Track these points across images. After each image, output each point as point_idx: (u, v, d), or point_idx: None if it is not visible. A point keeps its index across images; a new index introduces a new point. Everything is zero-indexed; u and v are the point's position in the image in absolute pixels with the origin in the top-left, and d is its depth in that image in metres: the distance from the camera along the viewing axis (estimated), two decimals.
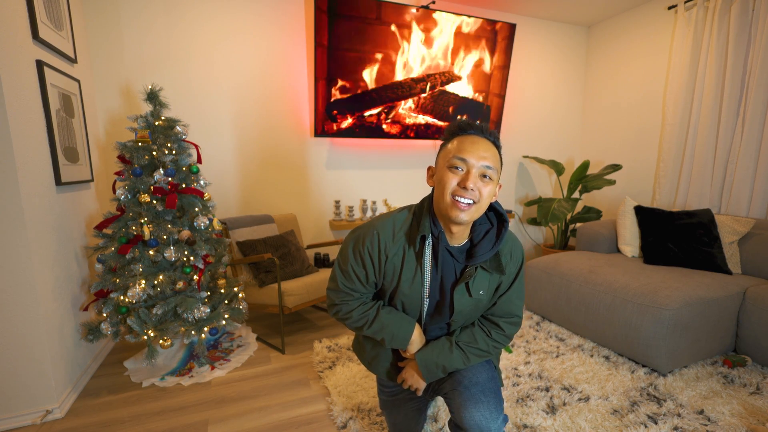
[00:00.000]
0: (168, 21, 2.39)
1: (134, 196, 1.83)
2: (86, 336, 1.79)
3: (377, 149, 3.04)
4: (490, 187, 0.91)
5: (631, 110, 3.27)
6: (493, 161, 0.90)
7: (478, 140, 0.91)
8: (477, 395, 0.96)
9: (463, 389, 0.99)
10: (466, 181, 0.88)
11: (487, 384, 1.00)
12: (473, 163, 0.88)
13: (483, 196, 0.90)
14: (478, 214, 0.92)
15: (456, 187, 0.89)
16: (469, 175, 0.88)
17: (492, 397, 0.97)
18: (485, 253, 0.97)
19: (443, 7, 2.97)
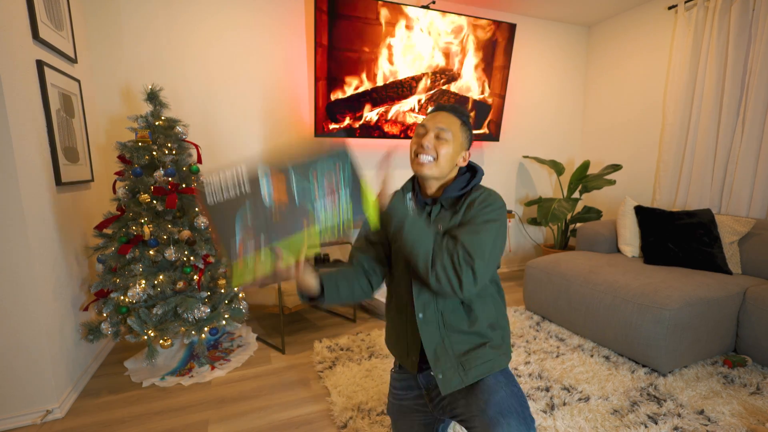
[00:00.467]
0: (168, 21, 2.39)
1: (134, 196, 1.83)
2: (86, 336, 1.79)
3: (377, 149, 3.04)
4: (446, 147, 1.04)
5: (631, 110, 3.27)
6: (451, 126, 1.05)
7: (439, 113, 1.09)
8: (496, 418, 0.89)
9: (480, 414, 0.92)
10: (422, 139, 1.04)
11: (505, 402, 0.92)
12: (430, 126, 1.06)
13: (440, 155, 1.04)
14: (439, 170, 1.05)
15: (416, 147, 1.06)
16: (426, 135, 1.05)
17: (513, 417, 0.89)
18: (449, 193, 1.07)
19: (443, 7, 2.97)
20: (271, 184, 0.80)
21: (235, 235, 0.78)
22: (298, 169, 0.82)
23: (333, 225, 0.84)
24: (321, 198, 0.83)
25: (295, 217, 0.82)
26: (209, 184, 0.77)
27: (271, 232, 0.81)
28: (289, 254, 0.83)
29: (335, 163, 0.85)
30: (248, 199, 0.79)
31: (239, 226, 0.79)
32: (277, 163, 0.81)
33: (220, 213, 0.77)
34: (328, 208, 0.84)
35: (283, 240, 0.82)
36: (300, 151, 0.84)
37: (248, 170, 0.79)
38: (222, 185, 0.78)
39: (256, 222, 0.79)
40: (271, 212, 0.80)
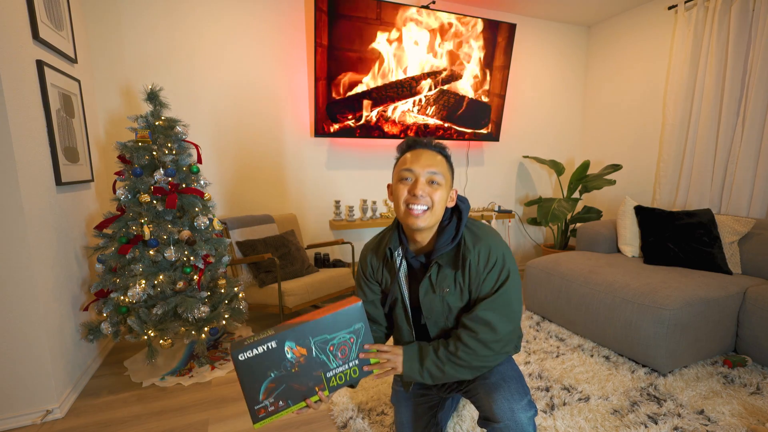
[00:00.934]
0: (168, 21, 2.39)
1: (134, 196, 1.83)
2: (86, 336, 1.79)
3: (377, 149, 3.04)
4: (440, 192, 0.98)
5: (631, 110, 3.27)
6: (439, 168, 0.98)
7: (423, 151, 1.00)
8: (497, 382, 0.97)
9: (482, 380, 1.01)
10: (415, 189, 0.96)
11: (506, 372, 1.01)
12: (419, 171, 0.97)
13: (434, 202, 0.97)
14: (434, 219, 0.99)
15: (407, 195, 0.97)
16: (417, 183, 0.96)
17: (514, 382, 0.98)
18: (443, 247, 1.01)
19: (443, 7, 2.97)
20: (294, 353, 0.93)
21: (261, 385, 0.90)
22: (317, 343, 0.94)
23: (341, 376, 0.98)
24: (334, 362, 0.96)
25: (311, 366, 0.94)
26: (242, 349, 0.88)
27: (291, 380, 0.93)
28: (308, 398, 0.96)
29: (350, 337, 0.97)
30: (273, 354, 0.90)
31: (264, 377, 0.90)
32: (300, 336, 0.92)
33: (248, 367, 0.89)
34: (339, 368, 0.97)
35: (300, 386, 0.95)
36: (323, 325, 0.94)
37: (277, 343, 0.91)
38: (253, 348, 0.89)
39: (278, 374, 0.92)
40: (292, 364, 0.92)
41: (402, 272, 1.07)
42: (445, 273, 1.02)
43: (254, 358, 0.89)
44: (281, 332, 0.90)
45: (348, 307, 0.95)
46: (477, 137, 3.20)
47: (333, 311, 0.94)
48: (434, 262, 1.02)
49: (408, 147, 1.03)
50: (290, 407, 0.94)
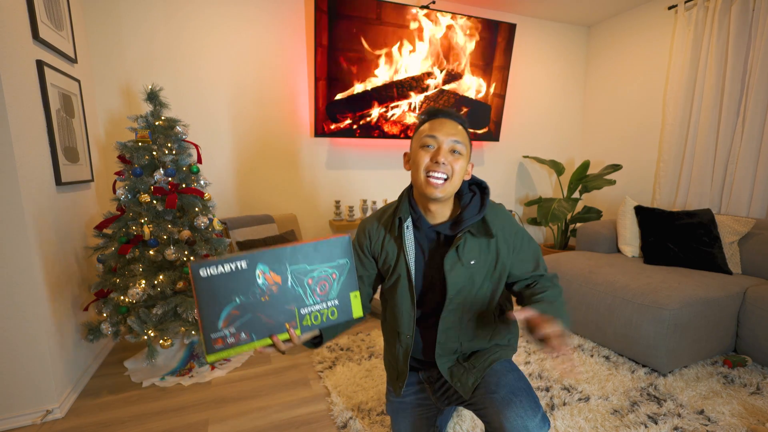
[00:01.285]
0: (168, 21, 2.39)
1: (134, 196, 1.83)
2: (86, 336, 1.79)
3: (377, 149, 3.04)
4: (461, 162, 0.96)
5: (631, 110, 3.27)
6: (462, 137, 0.97)
7: (446, 120, 0.98)
8: (507, 397, 0.91)
9: (491, 395, 0.93)
10: (438, 156, 0.93)
11: (515, 384, 0.95)
12: (442, 139, 0.95)
13: (455, 171, 0.95)
14: (452, 189, 0.97)
15: (429, 163, 0.95)
16: (440, 150, 0.94)
17: (524, 396, 0.91)
18: (471, 217, 0.99)
19: (443, 7, 2.97)
20: (266, 278, 0.81)
21: (222, 309, 0.78)
22: (295, 272, 0.83)
23: (316, 315, 0.86)
24: (311, 298, 0.85)
25: (284, 298, 0.82)
26: (206, 264, 0.76)
27: (259, 310, 0.80)
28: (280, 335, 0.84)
29: (332, 273, 0.86)
30: (242, 276, 0.78)
31: (227, 301, 0.78)
32: (276, 260, 0.81)
33: (209, 286, 0.76)
34: (315, 306, 0.86)
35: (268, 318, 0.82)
36: (303, 252, 0.83)
37: (248, 263, 0.79)
38: (219, 265, 0.77)
39: (245, 300, 0.79)
40: (261, 291, 0.80)
41: (410, 245, 1.02)
42: (472, 244, 1.00)
43: (219, 277, 0.76)
44: (254, 253, 0.78)
45: (334, 237, 0.85)
46: (477, 137, 3.20)
47: (316, 240, 0.85)
48: (465, 232, 0.98)
49: (431, 115, 1.01)
50: (253, 342, 0.80)
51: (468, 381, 0.99)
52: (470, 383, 0.99)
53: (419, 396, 1.17)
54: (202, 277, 0.76)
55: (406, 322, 1.06)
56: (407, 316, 1.06)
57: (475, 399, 0.98)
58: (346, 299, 0.89)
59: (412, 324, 1.05)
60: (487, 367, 1.00)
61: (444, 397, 1.10)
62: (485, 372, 1.00)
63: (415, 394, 1.17)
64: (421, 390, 1.16)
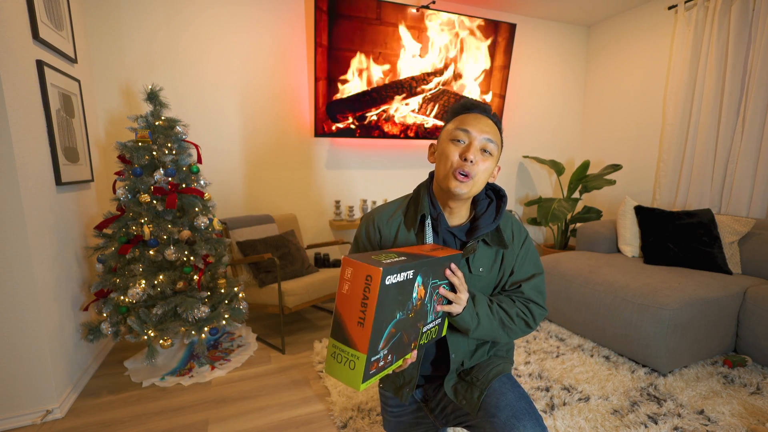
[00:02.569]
0: (168, 21, 2.39)
1: (134, 196, 1.83)
2: (86, 336, 1.79)
3: (377, 149, 3.04)
4: (489, 163, 0.91)
5: (631, 110, 3.27)
6: (495, 137, 0.91)
7: (481, 117, 0.92)
8: (510, 422, 0.85)
9: (491, 419, 0.87)
10: (467, 152, 0.88)
11: (516, 404, 0.89)
12: (475, 135, 0.89)
13: (480, 171, 0.90)
14: (476, 189, 0.92)
15: (457, 159, 0.89)
16: (471, 146, 0.89)
17: (527, 418, 0.85)
18: (487, 226, 0.95)
19: (443, 7, 2.97)
20: (418, 292, 0.72)
21: (387, 327, 0.65)
22: (432, 288, 0.76)
23: (428, 334, 0.80)
24: (431, 315, 0.78)
25: (421, 315, 0.75)
26: (392, 268, 0.63)
27: (405, 327, 0.70)
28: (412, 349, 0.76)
29: (442, 286, 0.80)
30: (407, 287, 0.67)
31: (391, 317, 0.66)
32: (427, 274, 0.73)
33: (386, 298, 0.62)
34: (430, 324, 0.80)
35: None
36: (440, 266, 0.77)
37: (413, 272, 0.68)
38: (399, 272, 0.65)
39: (402, 317, 0.67)
40: (413, 306, 0.70)
41: (428, 242, 0.97)
42: (483, 253, 0.97)
43: (395, 286, 0.62)
44: (420, 262, 0.66)
45: (454, 253, 0.78)
46: None
47: (443, 253, 0.73)
48: (479, 239, 0.94)
49: (465, 108, 0.95)
50: (393, 365, 0.69)
51: (473, 395, 0.95)
52: (476, 397, 0.95)
53: (417, 415, 1.12)
54: (386, 285, 0.61)
55: None
56: None
57: (476, 421, 0.93)
58: (444, 315, 0.83)
59: None
60: (490, 380, 0.96)
61: (442, 416, 1.05)
62: (487, 386, 0.96)
63: (412, 413, 1.13)
64: (418, 409, 1.11)
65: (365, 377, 0.62)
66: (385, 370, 0.68)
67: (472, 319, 0.89)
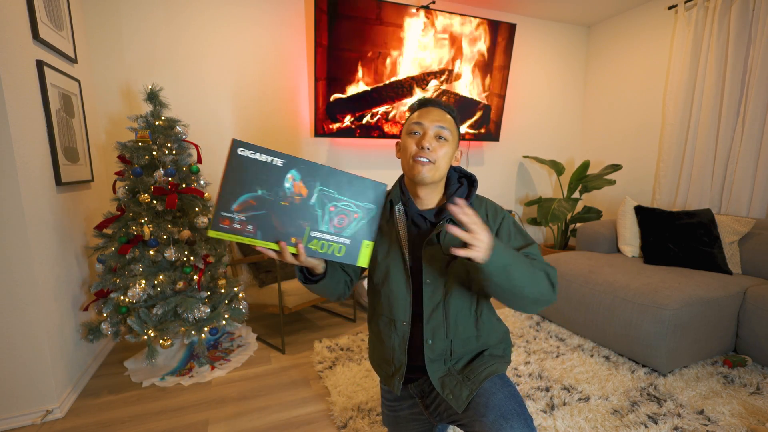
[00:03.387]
0: (168, 21, 2.39)
1: (134, 196, 1.83)
2: (86, 336, 1.79)
3: (377, 149, 3.04)
4: (446, 148, 0.98)
5: (631, 110, 3.27)
6: (447, 124, 0.99)
7: (432, 109, 1.01)
8: (498, 422, 0.86)
9: (480, 419, 0.89)
10: (423, 141, 0.96)
11: (505, 405, 0.89)
12: (427, 125, 0.98)
13: (438, 156, 0.97)
14: (438, 174, 0.99)
15: (415, 148, 0.98)
16: (425, 135, 0.97)
17: (515, 419, 0.86)
18: (458, 198, 0.98)
19: (443, 7, 2.97)
20: (294, 185, 0.81)
21: (242, 194, 0.78)
22: (322, 193, 0.83)
23: (323, 244, 0.86)
24: (325, 225, 0.85)
25: (302, 212, 0.82)
26: (247, 145, 0.78)
27: (274, 211, 0.80)
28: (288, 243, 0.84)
29: (356, 212, 0.86)
30: (273, 171, 0.79)
31: (250, 188, 0.78)
32: (310, 173, 0.82)
33: (240, 166, 0.77)
34: (326, 235, 0.85)
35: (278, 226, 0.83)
36: (338, 179, 0.84)
37: (284, 163, 0.80)
38: (258, 152, 0.79)
39: (266, 195, 0.79)
40: (284, 195, 0.81)
41: (402, 228, 1.03)
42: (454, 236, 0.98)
43: (252, 162, 0.77)
44: (294, 157, 0.80)
45: (372, 180, 0.87)
46: (477, 137, 3.20)
47: (355, 174, 0.85)
48: (446, 219, 0.99)
49: (419, 105, 1.05)
50: (256, 239, 0.80)
51: (462, 393, 0.96)
52: (464, 396, 0.95)
53: (413, 410, 1.13)
54: (238, 155, 0.77)
55: (402, 307, 1.03)
56: (403, 300, 1.03)
57: (466, 420, 0.94)
58: (358, 243, 0.88)
59: (409, 309, 1.02)
60: (482, 380, 0.96)
61: (436, 413, 1.05)
62: (478, 386, 0.96)
63: (409, 408, 1.14)
64: (413, 404, 1.12)
65: (214, 226, 0.77)
66: (246, 238, 0.79)
67: (504, 255, 0.83)
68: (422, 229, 1.03)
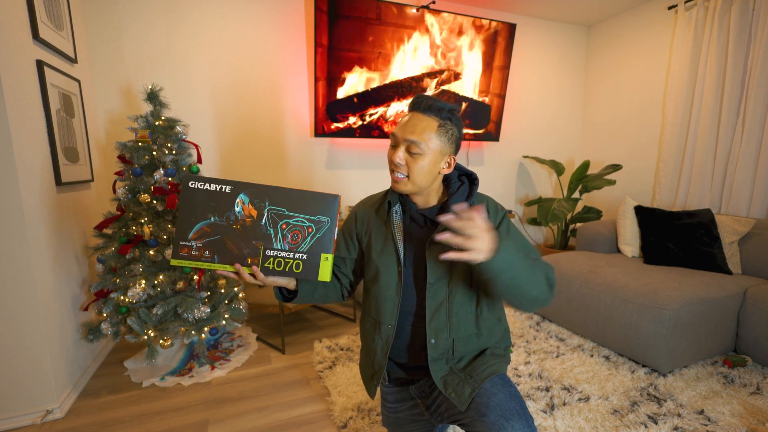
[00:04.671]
0: (168, 21, 2.39)
1: (134, 196, 1.83)
2: (86, 336, 1.79)
3: (377, 149, 3.04)
4: (422, 161, 0.93)
5: (631, 110, 3.27)
6: (421, 134, 0.92)
7: (412, 116, 0.95)
8: (499, 422, 0.86)
9: (481, 418, 0.89)
10: (393, 156, 0.94)
11: (506, 405, 0.89)
12: (400, 138, 0.94)
13: (412, 171, 0.94)
14: (415, 187, 0.96)
15: (391, 162, 0.96)
16: (397, 149, 0.94)
17: (516, 418, 0.86)
18: (456, 205, 0.97)
19: (443, 7, 2.97)
20: (243, 208, 0.86)
21: (197, 223, 0.84)
22: (272, 213, 0.87)
23: (280, 261, 0.89)
24: (279, 243, 0.88)
25: (254, 233, 0.87)
26: (196, 178, 0.84)
27: (227, 235, 0.86)
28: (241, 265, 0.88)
29: (309, 226, 0.89)
30: (222, 198, 0.84)
31: (203, 217, 0.84)
32: (257, 195, 0.86)
33: (192, 198, 0.84)
34: (281, 252, 0.89)
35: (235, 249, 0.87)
36: (287, 197, 0.87)
37: (232, 189, 0.85)
38: (207, 182, 0.84)
39: (218, 221, 0.85)
40: (236, 219, 0.85)
41: (398, 229, 1.03)
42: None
43: (203, 192, 0.83)
44: (241, 182, 0.85)
45: (322, 193, 0.88)
46: (477, 137, 3.20)
47: (304, 190, 0.87)
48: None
49: (409, 107, 1.00)
50: (214, 263, 0.85)
51: (464, 391, 0.96)
52: (467, 394, 0.95)
53: (413, 412, 1.13)
54: (189, 188, 0.83)
55: (388, 310, 1.03)
56: (390, 303, 1.03)
57: (467, 420, 0.94)
58: (315, 258, 0.89)
59: (396, 312, 1.02)
60: (484, 379, 0.96)
61: (437, 414, 1.05)
62: (480, 385, 0.96)
63: (409, 410, 1.14)
64: (414, 406, 1.12)
65: (174, 255, 0.84)
66: (204, 263, 0.85)
67: (509, 253, 0.82)
68: (423, 228, 1.03)
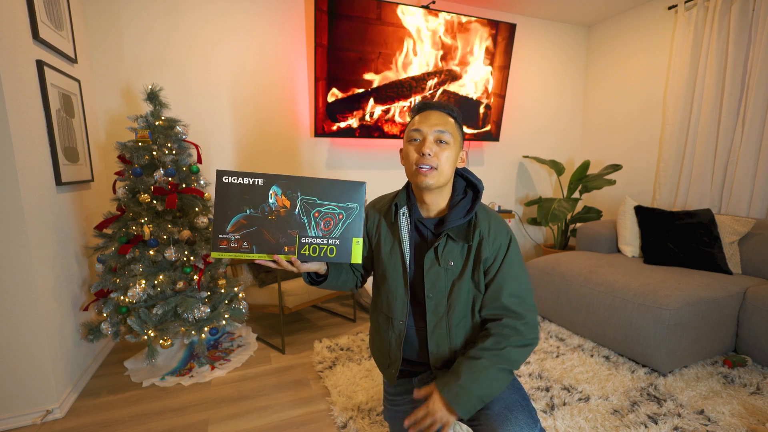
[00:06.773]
0: (168, 21, 2.39)
1: (134, 196, 1.83)
2: (86, 336, 1.79)
3: (377, 149, 3.04)
4: (448, 151, 0.97)
5: (631, 110, 3.27)
6: (447, 127, 0.97)
7: (431, 113, 1.00)
8: (503, 413, 0.89)
9: (486, 411, 0.92)
10: (423, 147, 0.96)
11: (509, 397, 0.93)
12: (426, 131, 0.97)
13: (441, 161, 0.96)
14: (443, 178, 0.98)
15: (416, 156, 0.97)
16: (425, 141, 0.96)
17: (520, 411, 0.90)
18: (455, 220, 0.99)
19: (443, 7, 2.97)
20: (276, 200, 0.90)
21: (233, 216, 0.87)
22: (304, 202, 0.91)
23: (315, 248, 0.93)
24: (313, 230, 0.92)
25: (289, 222, 0.90)
26: (229, 173, 0.87)
27: (264, 226, 0.89)
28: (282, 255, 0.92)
29: (340, 213, 0.93)
30: (256, 191, 0.88)
31: (239, 210, 0.88)
32: (289, 186, 0.90)
33: (227, 192, 0.87)
34: (316, 239, 0.93)
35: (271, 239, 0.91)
36: (317, 186, 0.91)
37: (265, 182, 0.89)
38: (240, 176, 0.88)
39: (254, 213, 0.88)
40: (270, 210, 0.89)
41: (405, 232, 1.04)
42: (452, 246, 1.00)
43: (237, 186, 0.87)
44: (272, 174, 0.89)
45: (350, 181, 0.92)
46: (477, 137, 3.20)
47: (334, 179, 0.91)
48: (444, 234, 0.98)
49: (418, 110, 1.03)
50: (253, 253, 0.89)
51: None
52: None
53: (414, 405, 1.14)
54: (223, 182, 0.87)
55: (399, 308, 1.06)
56: (401, 301, 1.06)
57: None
58: (348, 242, 0.94)
59: (406, 310, 1.05)
60: None
61: None
62: None
63: (411, 403, 1.16)
64: (417, 400, 1.12)
65: (214, 248, 0.88)
66: (244, 254, 0.89)
67: (469, 396, 0.89)
68: (424, 237, 1.05)
